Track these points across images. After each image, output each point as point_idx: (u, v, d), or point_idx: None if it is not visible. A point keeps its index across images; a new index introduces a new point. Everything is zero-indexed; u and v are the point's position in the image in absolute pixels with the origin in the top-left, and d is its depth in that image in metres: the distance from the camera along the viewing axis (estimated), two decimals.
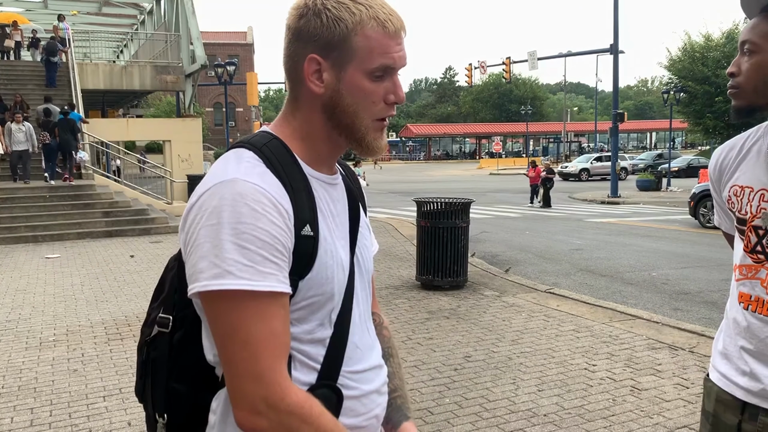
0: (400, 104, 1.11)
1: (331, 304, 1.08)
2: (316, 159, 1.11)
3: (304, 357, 1.06)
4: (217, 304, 0.97)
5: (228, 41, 60.84)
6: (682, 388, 4.19)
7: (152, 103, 48.29)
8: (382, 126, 1.11)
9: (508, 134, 67.95)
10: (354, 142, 1.10)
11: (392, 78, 1.08)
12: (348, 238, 1.14)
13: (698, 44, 30.48)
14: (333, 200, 1.13)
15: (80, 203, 13.23)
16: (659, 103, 58.94)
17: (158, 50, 21.26)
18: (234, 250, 0.95)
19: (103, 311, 6.50)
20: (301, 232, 1.02)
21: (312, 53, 1.05)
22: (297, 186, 1.04)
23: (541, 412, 3.82)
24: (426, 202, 7.37)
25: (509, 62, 30.51)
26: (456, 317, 6.03)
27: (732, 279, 1.55)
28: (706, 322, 6.01)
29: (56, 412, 3.95)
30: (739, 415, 1.47)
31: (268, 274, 0.96)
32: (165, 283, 1.18)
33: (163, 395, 1.11)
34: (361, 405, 1.12)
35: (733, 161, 1.55)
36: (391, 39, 1.05)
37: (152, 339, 1.14)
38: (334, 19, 1.03)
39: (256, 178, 0.99)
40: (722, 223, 1.67)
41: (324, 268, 1.05)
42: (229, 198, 0.96)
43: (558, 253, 10.36)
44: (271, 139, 1.09)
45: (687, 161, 35.05)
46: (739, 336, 1.49)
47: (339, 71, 1.05)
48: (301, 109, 1.10)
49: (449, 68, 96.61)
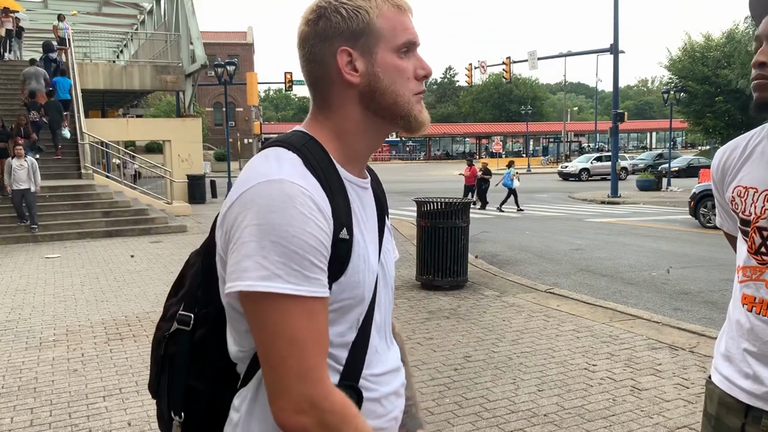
0: (429, 77, 1.14)
1: (361, 307, 1.08)
2: (350, 160, 1.11)
3: (330, 360, 1.06)
4: (262, 305, 0.96)
5: (228, 41, 60.78)
6: (682, 388, 4.19)
7: (152, 103, 48.29)
8: (420, 100, 1.13)
9: (508, 134, 67.95)
10: (401, 120, 1.11)
11: (415, 54, 1.12)
12: (377, 243, 1.15)
13: (698, 44, 30.51)
14: (364, 205, 1.13)
15: (80, 203, 13.24)
16: (659, 103, 58.97)
17: (158, 50, 21.25)
18: (283, 253, 0.95)
19: (103, 311, 6.50)
20: (339, 236, 1.02)
21: (341, 46, 1.06)
22: (335, 188, 1.04)
23: (541, 412, 3.82)
24: (426, 202, 7.37)
25: (509, 62, 30.48)
26: (456, 317, 6.03)
27: (735, 280, 1.53)
28: (706, 322, 6.01)
29: (56, 412, 3.95)
30: (743, 418, 1.46)
31: (314, 280, 0.97)
32: (185, 278, 1.17)
33: (181, 393, 1.11)
34: (381, 407, 1.13)
35: (737, 162, 1.52)
36: (406, 17, 1.11)
37: (171, 335, 1.14)
38: (353, 9, 1.06)
39: (301, 180, 0.99)
40: (724, 224, 1.65)
41: (356, 272, 1.05)
42: (278, 199, 0.96)
43: (558, 253, 10.36)
44: (309, 139, 1.08)
45: (687, 161, 35.03)
46: (742, 338, 1.47)
47: (370, 55, 1.08)
48: (334, 109, 1.10)
49: (449, 68, 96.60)
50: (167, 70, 20.04)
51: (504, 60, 30.53)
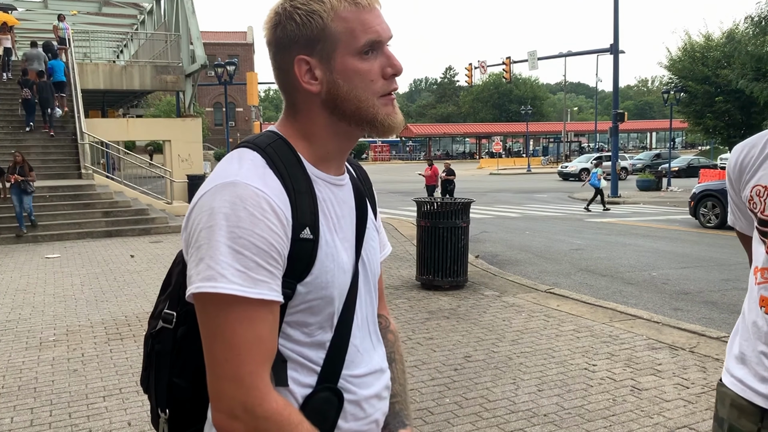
0: (399, 75, 1.08)
1: (331, 307, 1.07)
2: (322, 158, 1.10)
3: (304, 359, 1.06)
4: (206, 306, 0.97)
5: (228, 41, 60.81)
6: (682, 388, 4.19)
7: (152, 103, 48.26)
8: (390, 101, 1.08)
9: (508, 134, 67.88)
10: (367, 125, 1.08)
11: (383, 51, 1.06)
12: (353, 241, 1.13)
13: (698, 44, 30.46)
14: (338, 201, 1.11)
15: (80, 203, 13.23)
16: (659, 103, 58.97)
17: (158, 50, 21.24)
18: (229, 253, 0.94)
19: (103, 311, 6.49)
20: (300, 236, 1.01)
21: (298, 55, 1.04)
22: (299, 188, 1.03)
23: (541, 412, 3.82)
24: (426, 202, 7.37)
25: (509, 62, 30.49)
26: (456, 317, 6.03)
27: (750, 281, 1.50)
28: (706, 322, 6.01)
29: (56, 412, 3.95)
30: (758, 422, 1.42)
31: (260, 282, 0.96)
32: (172, 276, 1.18)
33: (165, 390, 1.12)
34: (361, 410, 1.12)
35: (755, 160, 1.49)
36: (368, 13, 1.04)
37: (157, 332, 1.14)
38: (306, 14, 1.02)
39: (258, 181, 0.99)
40: (737, 223, 1.62)
41: (324, 272, 1.04)
42: (229, 201, 0.96)
43: (558, 253, 10.36)
44: (275, 138, 1.08)
45: (687, 161, 35.05)
46: (759, 341, 1.44)
47: (328, 62, 1.04)
48: (302, 113, 1.09)
49: (449, 68, 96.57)
50: (167, 70, 20.02)
51: (504, 60, 30.56)
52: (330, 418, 1.07)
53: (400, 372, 1.31)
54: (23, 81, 15.13)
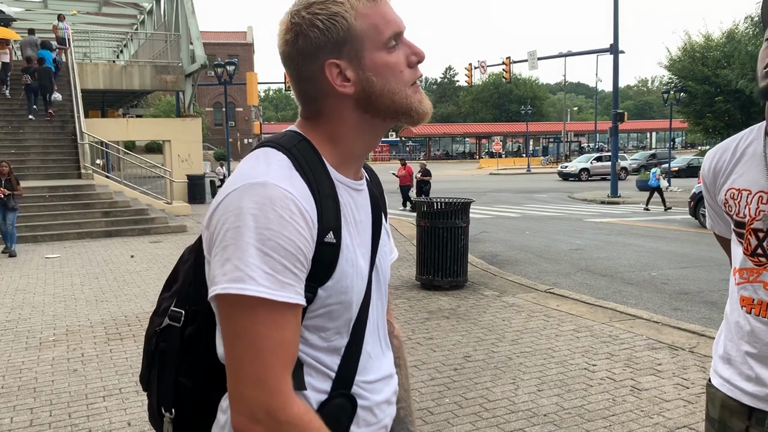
0: (422, 61, 1.09)
1: (349, 313, 1.06)
2: (344, 161, 1.09)
3: (320, 365, 1.05)
4: (232, 307, 0.95)
5: (228, 41, 60.80)
6: (682, 388, 4.19)
7: (152, 103, 48.27)
8: (417, 88, 1.09)
9: (508, 134, 67.91)
10: (402, 116, 1.08)
11: (404, 41, 1.07)
12: (369, 246, 1.12)
13: (698, 44, 30.48)
14: (357, 207, 1.10)
15: (80, 203, 13.23)
16: (659, 103, 58.91)
17: (158, 50, 21.23)
18: (257, 255, 0.93)
19: (103, 311, 6.50)
20: (324, 239, 1.00)
21: (326, 60, 1.03)
22: (324, 191, 1.02)
23: (541, 412, 3.82)
24: (426, 202, 7.37)
25: (509, 62, 30.47)
26: (456, 317, 6.03)
27: (731, 282, 1.53)
28: (706, 322, 6.01)
29: (56, 412, 3.95)
30: (746, 420, 1.45)
31: (287, 285, 0.95)
32: (179, 273, 1.16)
33: (170, 389, 1.10)
34: (372, 415, 1.12)
35: (728, 164, 1.51)
36: (385, 6, 1.05)
37: (162, 330, 1.13)
38: (329, 18, 1.01)
39: (286, 183, 0.97)
40: (715, 227, 1.65)
41: (344, 277, 1.03)
42: (258, 201, 0.95)
43: (558, 253, 10.36)
44: (300, 140, 1.06)
45: (687, 161, 34.98)
46: (742, 340, 1.46)
47: (359, 61, 1.03)
48: (329, 117, 1.07)
49: (449, 68, 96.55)
50: (167, 70, 20.02)
51: (504, 60, 30.52)
52: (343, 424, 1.07)
53: (404, 377, 1.31)
54: (26, 68, 16.15)
